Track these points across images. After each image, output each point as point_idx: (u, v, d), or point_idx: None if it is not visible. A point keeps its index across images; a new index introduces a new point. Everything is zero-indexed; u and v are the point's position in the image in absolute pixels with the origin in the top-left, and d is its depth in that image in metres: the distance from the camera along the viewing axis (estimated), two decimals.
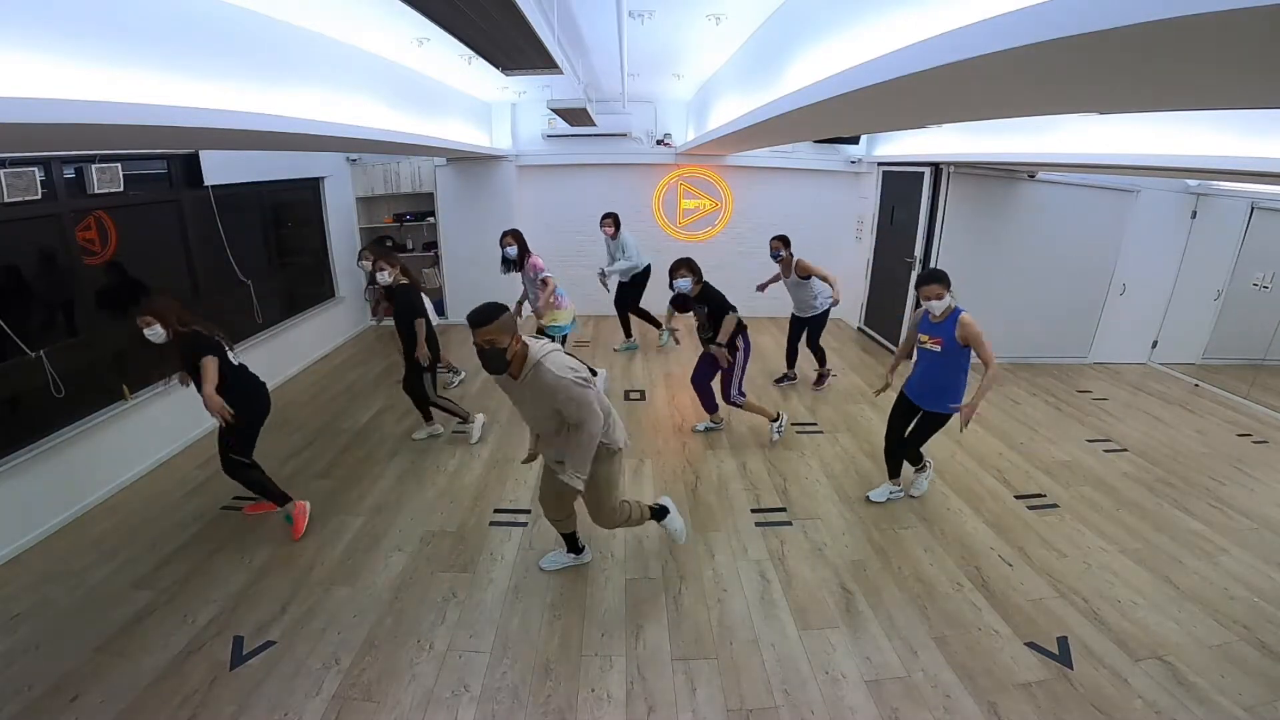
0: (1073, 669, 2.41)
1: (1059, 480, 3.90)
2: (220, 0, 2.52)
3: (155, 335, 2.80)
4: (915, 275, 5.83)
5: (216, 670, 2.37)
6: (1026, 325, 6.01)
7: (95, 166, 3.51)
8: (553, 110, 4.83)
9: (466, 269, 7.18)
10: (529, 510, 3.45)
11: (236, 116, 2.45)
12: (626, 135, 7.10)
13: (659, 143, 7.26)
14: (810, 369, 5.66)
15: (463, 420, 4.30)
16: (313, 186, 6.27)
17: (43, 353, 3.22)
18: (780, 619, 2.67)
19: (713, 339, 4.05)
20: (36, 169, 3.17)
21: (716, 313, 4.01)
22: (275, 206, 5.76)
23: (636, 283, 6.05)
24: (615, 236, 5.85)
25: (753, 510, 3.49)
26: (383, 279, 3.95)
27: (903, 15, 1.88)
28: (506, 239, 4.85)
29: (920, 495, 3.61)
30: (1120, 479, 3.96)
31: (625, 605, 2.74)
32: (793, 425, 4.44)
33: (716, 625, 2.63)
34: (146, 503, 3.56)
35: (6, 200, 3.01)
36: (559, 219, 7.35)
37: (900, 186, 6.37)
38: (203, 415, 3.19)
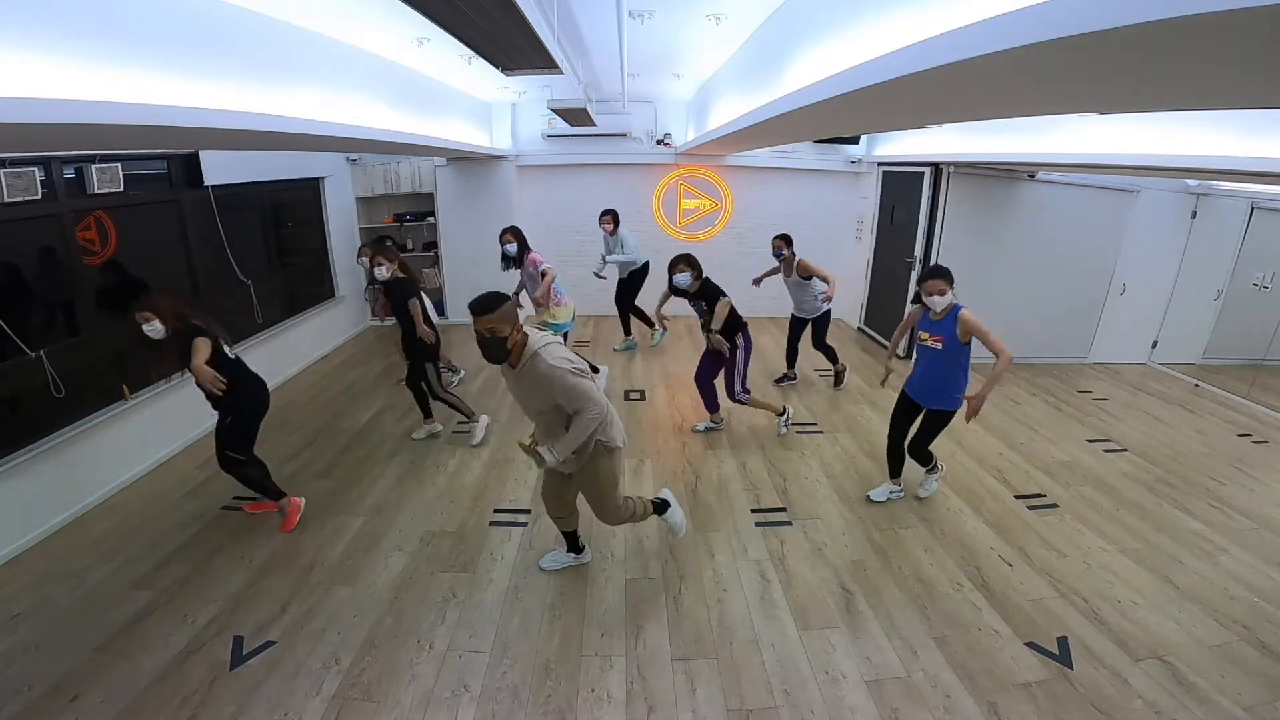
0: (1073, 669, 2.41)
1: (1059, 480, 3.90)
2: (220, 0, 2.53)
3: (154, 331, 2.81)
4: (916, 274, 5.83)
5: (216, 670, 2.37)
6: (1026, 325, 5.99)
7: (95, 166, 3.51)
8: (553, 110, 4.83)
9: (466, 269, 7.17)
10: (529, 510, 3.45)
11: (236, 116, 2.45)
12: (626, 135, 7.10)
13: (659, 143, 7.25)
14: (811, 369, 5.66)
15: (467, 418, 4.29)
16: (313, 186, 6.27)
17: (43, 353, 3.23)
18: (780, 619, 2.67)
19: (708, 325, 4.05)
20: (36, 169, 3.17)
21: (713, 305, 4.01)
22: (275, 206, 5.76)
23: (634, 280, 6.06)
24: (614, 233, 5.86)
25: (753, 510, 3.49)
26: (380, 274, 3.96)
27: (903, 15, 1.88)
28: (506, 236, 4.86)
29: (928, 496, 3.59)
30: (1120, 479, 3.96)
31: (625, 605, 2.74)
32: (793, 425, 4.44)
33: (716, 625, 2.63)
34: (146, 503, 3.56)
35: (6, 200, 3.02)
36: (559, 219, 7.35)
37: (900, 186, 6.37)
38: (202, 416, 3.21)
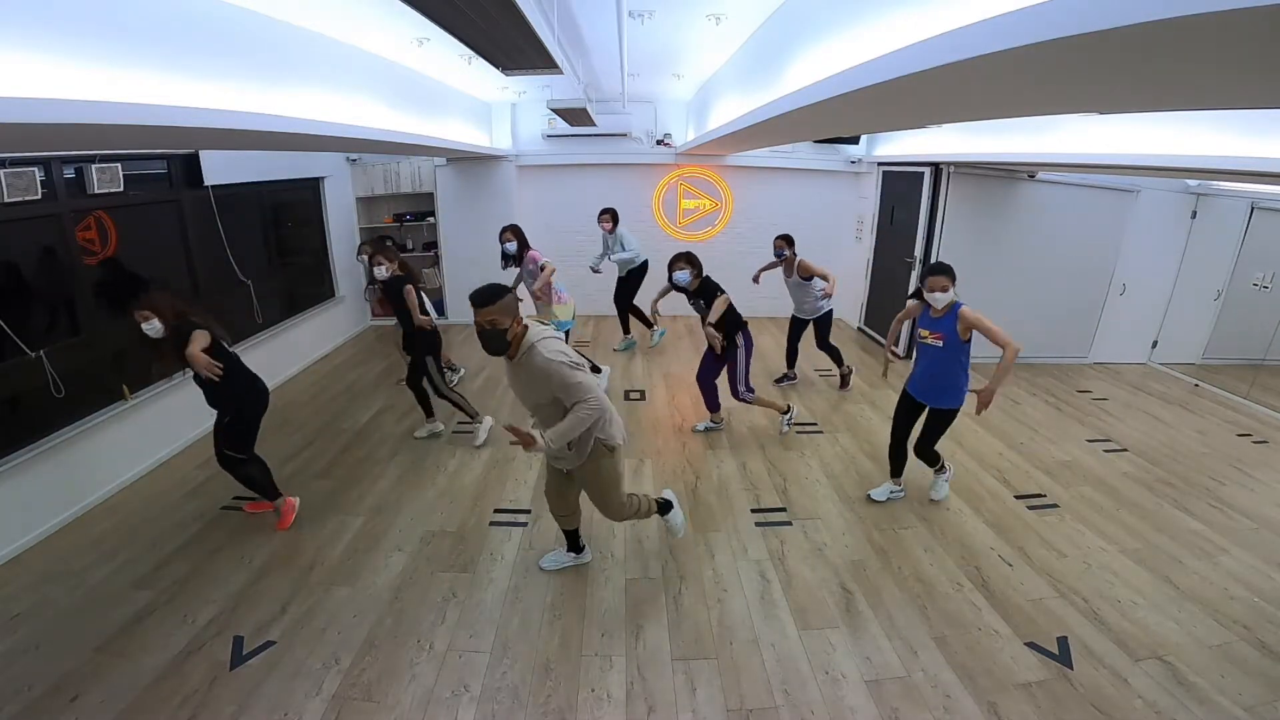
0: (1073, 669, 2.41)
1: (1059, 480, 3.90)
2: (220, 0, 2.53)
3: (153, 329, 2.80)
4: (916, 273, 5.83)
5: (216, 670, 2.37)
6: (1026, 325, 5.95)
7: (95, 166, 3.51)
8: (553, 110, 4.83)
9: (467, 269, 7.16)
10: (529, 510, 3.45)
11: (236, 116, 2.45)
12: (626, 135, 7.10)
13: (659, 143, 7.25)
14: (811, 369, 5.66)
15: (470, 418, 4.27)
16: (313, 186, 6.27)
17: (43, 353, 3.23)
18: (780, 619, 2.67)
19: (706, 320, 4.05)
20: (36, 169, 3.17)
21: (711, 303, 4.00)
22: (275, 206, 5.75)
23: (632, 279, 6.05)
24: (612, 231, 5.86)
25: (753, 510, 3.49)
26: (380, 274, 3.95)
27: (903, 15, 1.88)
28: (506, 235, 4.87)
29: (941, 499, 3.56)
30: (1120, 479, 3.96)
31: (625, 605, 2.74)
32: (793, 425, 4.43)
33: (716, 625, 2.63)
34: (146, 503, 3.56)
35: (6, 200, 3.02)
36: (559, 219, 7.34)
37: (900, 186, 6.37)
38: (202, 416, 3.20)
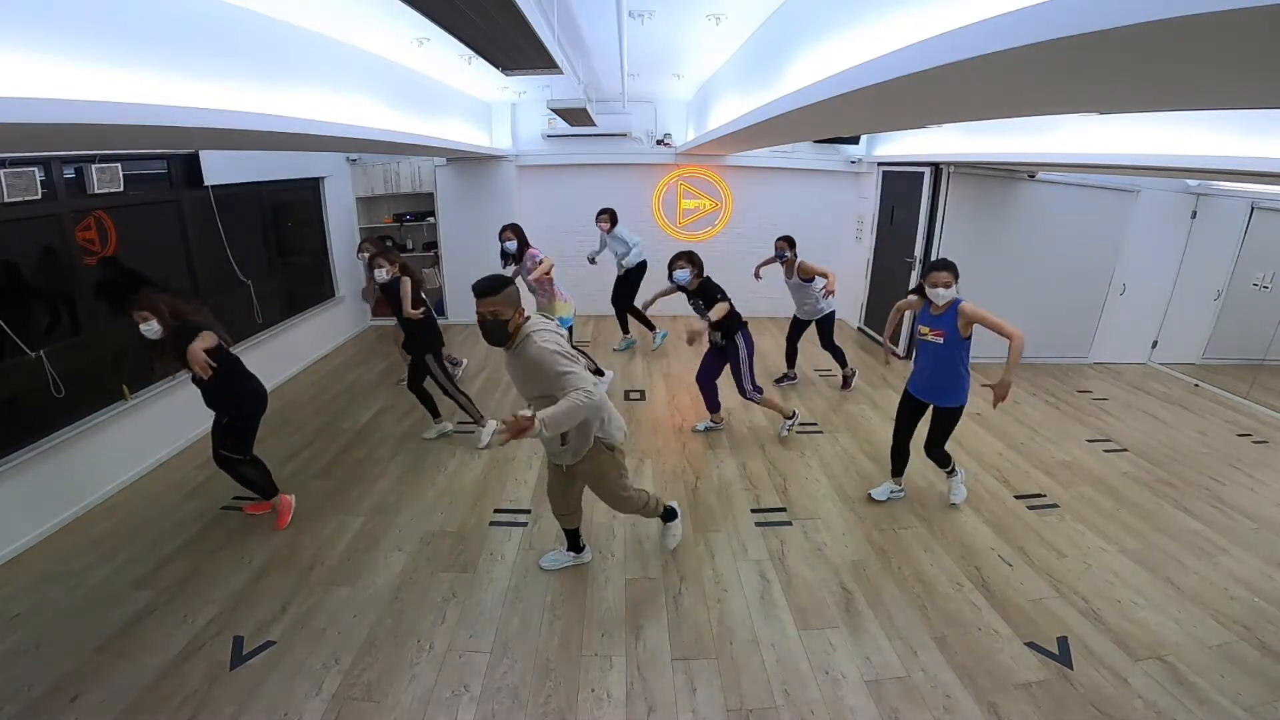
0: (1073, 669, 2.41)
1: (1059, 480, 3.90)
2: (220, 0, 2.53)
3: (151, 331, 2.80)
4: (916, 273, 5.83)
5: (216, 670, 2.37)
6: (1026, 325, 5.81)
7: (95, 166, 3.51)
8: (553, 110, 4.83)
9: (467, 269, 7.13)
10: (529, 510, 3.45)
11: (236, 116, 2.45)
12: (626, 135, 7.10)
13: (659, 143, 7.25)
14: (811, 369, 5.67)
15: (474, 420, 4.25)
16: (313, 186, 6.27)
17: (43, 353, 3.23)
18: (780, 619, 2.67)
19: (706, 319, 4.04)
20: (36, 169, 3.17)
21: (710, 304, 3.99)
22: (275, 206, 5.75)
23: (631, 279, 6.04)
24: (610, 231, 5.85)
25: (753, 510, 3.49)
26: (380, 276, 3.94)
27: (903, 15, 1.88)
28: (506, 233, 4.86)
29: (960, 502, 3.53)
30: (1120, 479, 3.96)
31: (625, 605, 2.74)
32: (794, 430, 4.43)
33: (716, 625, 2.63)
34: (146, 503, 3.56)
35: (6, 200, 3.01)
36: (559, 219, 7.34)
37: (900, 186, 6.37)
38: (202, 416, 3.20)
